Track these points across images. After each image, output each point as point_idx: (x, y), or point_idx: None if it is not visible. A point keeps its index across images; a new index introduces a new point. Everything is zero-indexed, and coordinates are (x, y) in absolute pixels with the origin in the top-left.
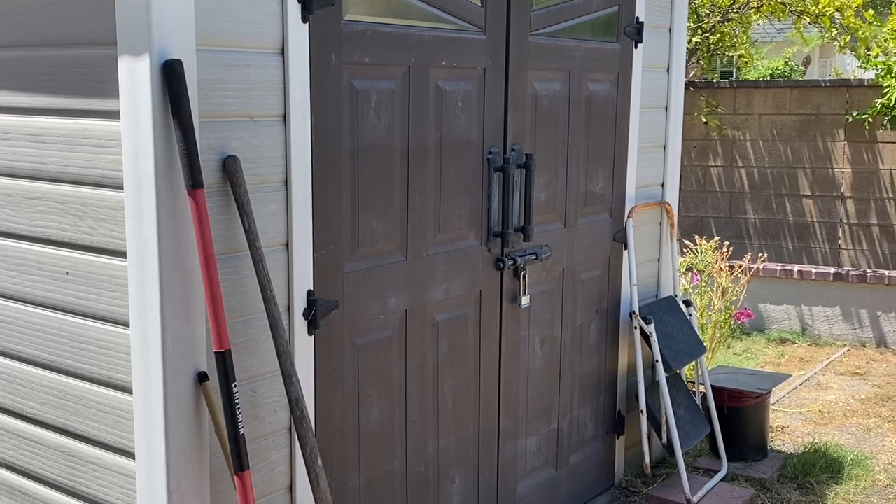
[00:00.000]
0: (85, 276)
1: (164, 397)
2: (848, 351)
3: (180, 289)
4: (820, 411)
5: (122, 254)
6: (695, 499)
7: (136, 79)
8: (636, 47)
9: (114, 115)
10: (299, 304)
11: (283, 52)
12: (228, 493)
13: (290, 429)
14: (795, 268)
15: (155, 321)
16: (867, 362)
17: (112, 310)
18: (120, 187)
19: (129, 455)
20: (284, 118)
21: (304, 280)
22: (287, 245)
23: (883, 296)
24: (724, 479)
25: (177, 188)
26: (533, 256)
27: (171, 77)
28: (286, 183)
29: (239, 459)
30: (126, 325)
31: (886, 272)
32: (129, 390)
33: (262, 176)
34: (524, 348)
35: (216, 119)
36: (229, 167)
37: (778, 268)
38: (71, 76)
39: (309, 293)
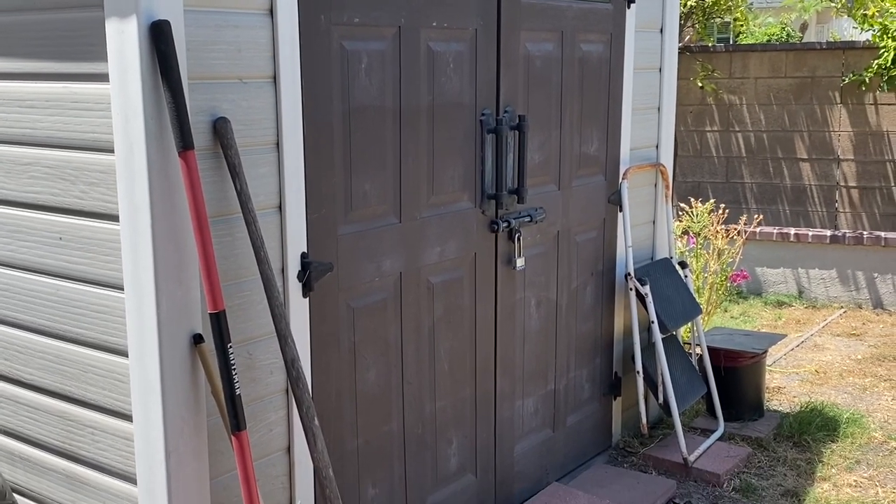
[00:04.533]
0: (78, 241)
1: (159, 359)
2: (844, 313)
3: (173, 251)
4: (816, 371)
5: (114, 217)
6: (692, 458)
7: (123, 40)
8: (629, 7)
9: (103, 77)
10: (293, 266)
11: (271, 12)
12: (227, 454)
13: (287, 391)
14: (792, 231)
15: (149, 284)
16: (863, 323)
17: (106, 274)
18: (111, 151)
19: (127, 418)
20: (274, 79)
21: (297, 243)
22: (280, 207)
23: (879, 257)
24: (720, 439)
25: (167, 150)
26: (527, 218)
27: (159, 38)
28: (278, 145)
29: (236, 419)
30: (120, 288)
31: (883, 234)
32: (124, 353)
33: (253, 138)
34: (520, 310)
35: (206, 81)
36: (220, 129)
37: (775, 231)
38: (59, 40)
39: (303, 255)
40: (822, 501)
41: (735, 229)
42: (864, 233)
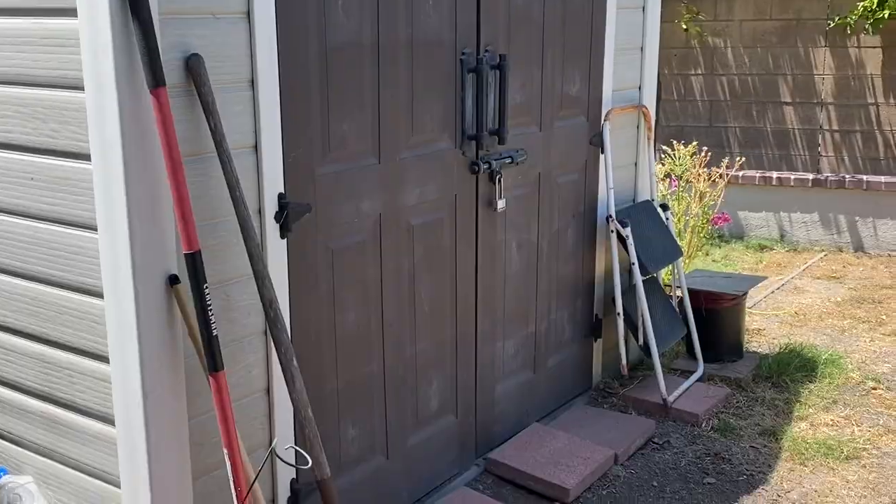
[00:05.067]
0: (51, 181)
1: (135, 300)
2: (825, 256)
3: (147, 190)
4: (796, 314)
5: (86, 156)
6: (671, 398)
7: None
8: None
9: (73, 12)
10: (270, 207)
11: None
12: (205, 395)
13: (266, 332)
14: (774, 174)
15: (122, 224)
16: (844, 266)
17: (79, 214)
18: (81, 88)
19: (104, 359)
20: (248, 15)
21: (274, 183)
22: (255, 147)
23: (861, 201)
24: (699, 380)
25: (139, 87)
26: (508, 160)
27: None
28: (252, 83)
29: (213, 360)
30: (94, 228)
31: (865, 177)
32: (100, 295)
33: (227, 76)
34: (501, 252)
35: (177, 16)
36: (192, 66)
37: (757, 175)
38: None
39: (280, 196)
40: (799, 440)
41: (717, 172)
42: (847, 176)
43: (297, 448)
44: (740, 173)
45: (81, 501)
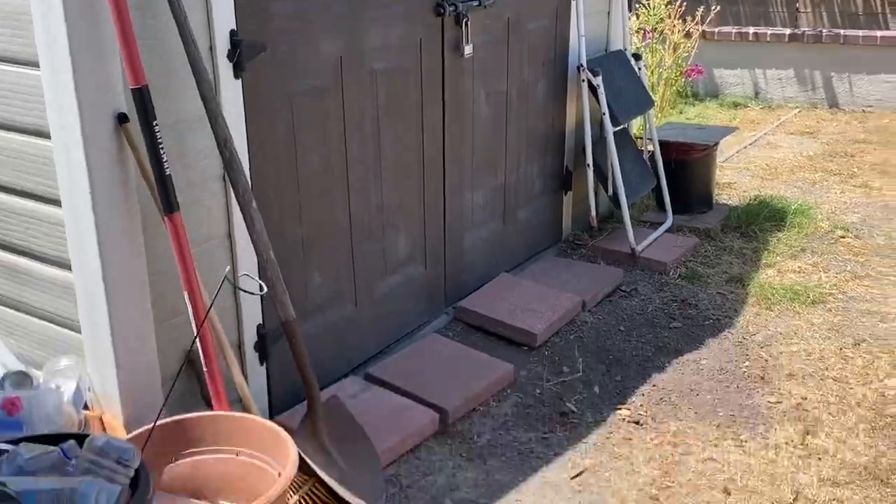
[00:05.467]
0: None
1: (82, 140)
2: (799, 112)
3: (88, 22)
4: (767, 167)
5: None
6: (639, 248)
7: None
8: None
9: None
10: (222, 45)
11: None
12: (162, 237)
13: (224, 177)
14: (751, 30)
15: (64, 58)
16: (818, 122)
17: (18, 50)
18: None
19: (57, 203)
20: None
21: (225, 19)
22: None
23: (838, 56)
24: (668, 230)
25: None
26: (475, 2)
27: None
28: None
29: (167, 200)
30: (36, 65)
31: (842, 31)
32: (48, 135)
33: None
34: (468, 100)
35: None
36: None
37: (733, 31)
38: None
39: (232, 33)
40: (765, 286)
41: (692, 23)
42: (824, 31)
43: (253, 276)
44: (716, 29)
45: (46, 349)
